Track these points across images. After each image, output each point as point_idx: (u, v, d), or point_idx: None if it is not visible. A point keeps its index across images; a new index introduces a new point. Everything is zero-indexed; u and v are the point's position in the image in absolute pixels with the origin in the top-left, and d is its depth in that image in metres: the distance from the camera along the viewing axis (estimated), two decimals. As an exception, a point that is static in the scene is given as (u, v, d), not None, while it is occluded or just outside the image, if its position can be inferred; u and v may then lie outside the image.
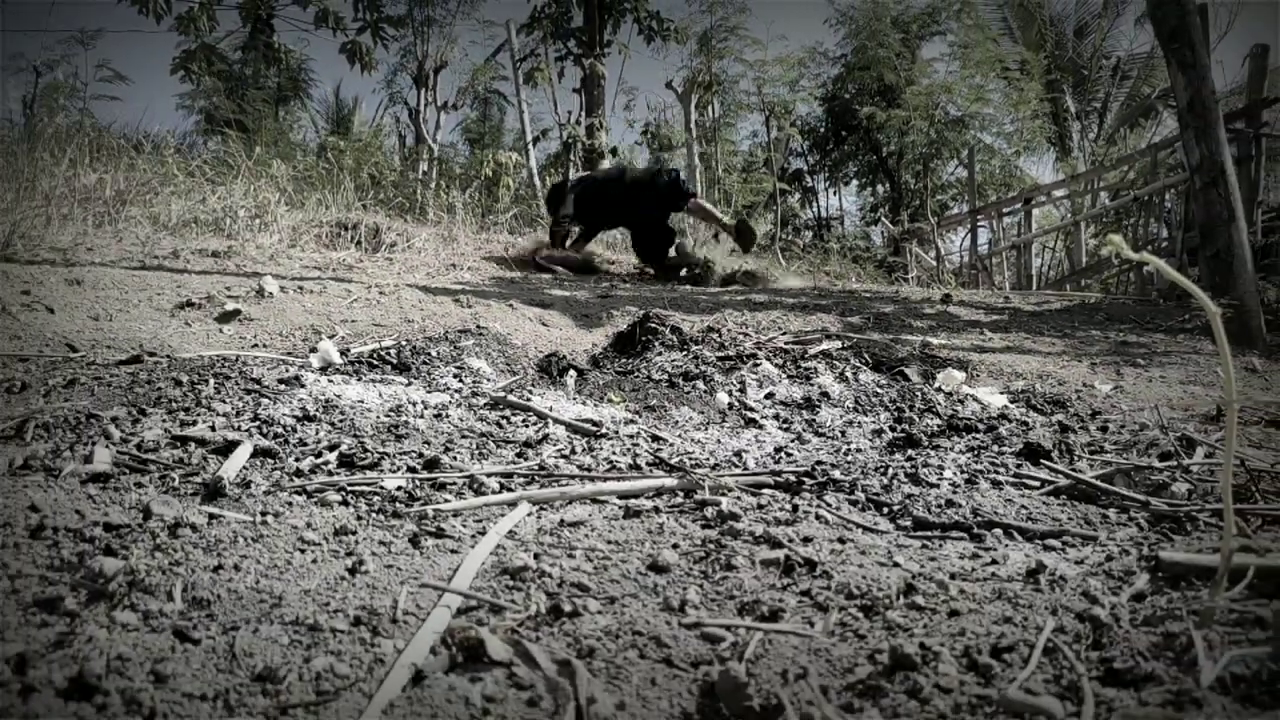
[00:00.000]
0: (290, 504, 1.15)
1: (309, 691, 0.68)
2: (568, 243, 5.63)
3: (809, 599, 0.91)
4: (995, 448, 1.71)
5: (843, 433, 1.82)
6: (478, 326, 2.72)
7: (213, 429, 1.46)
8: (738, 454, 1.59)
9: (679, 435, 1.74)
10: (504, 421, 1.70)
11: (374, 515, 1.13)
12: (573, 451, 1.52)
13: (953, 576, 0.98)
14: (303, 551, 0.98)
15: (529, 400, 1.85)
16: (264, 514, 1.09)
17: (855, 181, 16.14)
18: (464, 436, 1.57)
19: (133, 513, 1.06)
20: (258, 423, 1.52)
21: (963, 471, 1.52)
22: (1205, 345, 3.65)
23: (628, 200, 5.59)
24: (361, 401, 1.72)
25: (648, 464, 1.46)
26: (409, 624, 0.81)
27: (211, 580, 0.87)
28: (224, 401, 1.63)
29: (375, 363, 2.09)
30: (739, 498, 1.27)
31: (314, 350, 2.13)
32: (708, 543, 1.07)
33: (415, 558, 1.00)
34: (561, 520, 1.15)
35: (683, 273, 5.42)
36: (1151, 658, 0.74)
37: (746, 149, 15.78)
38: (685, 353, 2.45)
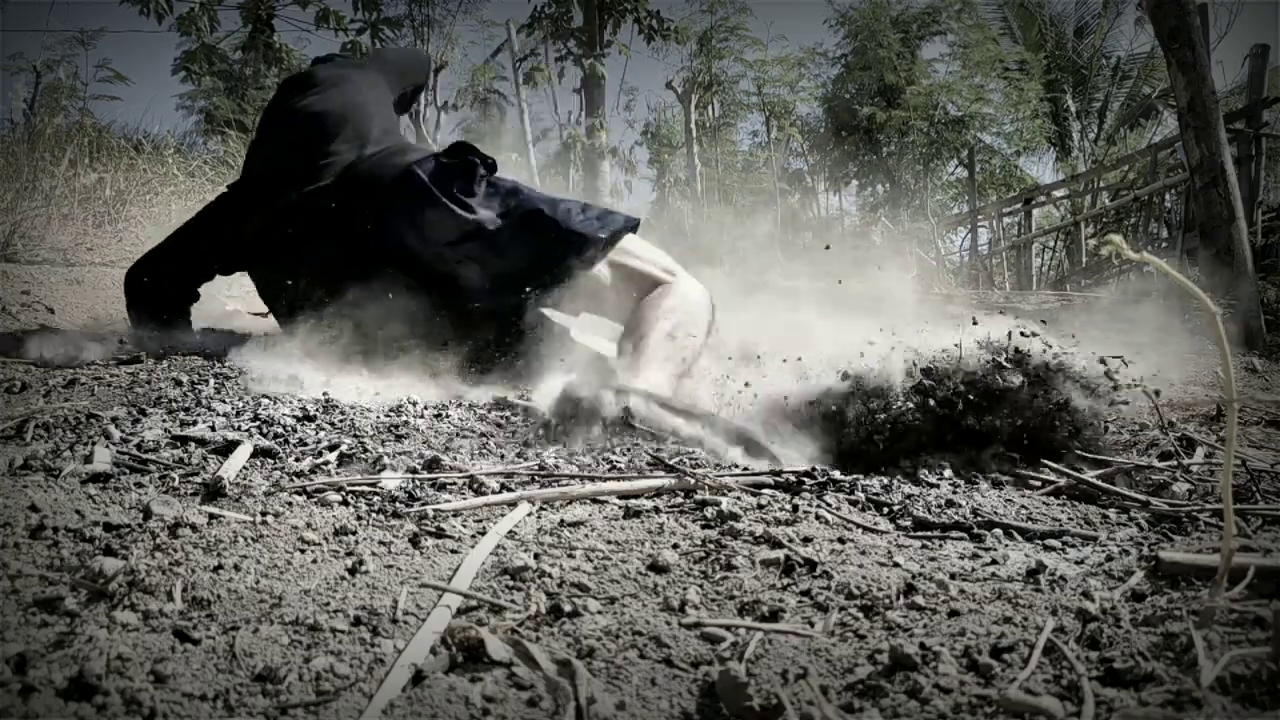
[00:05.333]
0: (290, 504, 1.15)
1: (309, 691, 0.68)
2: None
3: (809, 599, 0.91)
4: (995, 448, 1.71)
5: (843, 433, 1.82)
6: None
7: (213, 429, 1.46)
8: (738, 454, 1.59)
9: (679, 435, 1.73)
10: (504, 421, 1.70)
11: (374, 515, 1.13)
12: (573, 451, 1.52)
13: (953, 576, 0.98)
14: (303, 551, 0.98)
15: (529, 400, 1.85)
16: (264, 514, 1.09)
17: (855, 181, 16.14)
18: (464, 436, 1.57)
19: (133, 513, 1.06)
20: (258, 423, 1.52)
21: (963, 471, 1.52)
22: (1205, 345, 3.65)
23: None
24: (361, 401, 1.72)
25: (648, 464, 1.46)
26: (409, 624, 0.81)
27: (211, 580, 0.87)
28: (224, 401, 1.63)
29: (375, 363, 2.09)
30: (739, 498, 1.27)
31: (314, 350, 2.13)
32: (708, 543, 1.07)
33: (415, 558, 1.00)
34: (561, 520, 1.15)
35: None
36: (1151, 658, 0.74)
37: (746, 149, 15.81)
38: (685, 353, 2.45)
